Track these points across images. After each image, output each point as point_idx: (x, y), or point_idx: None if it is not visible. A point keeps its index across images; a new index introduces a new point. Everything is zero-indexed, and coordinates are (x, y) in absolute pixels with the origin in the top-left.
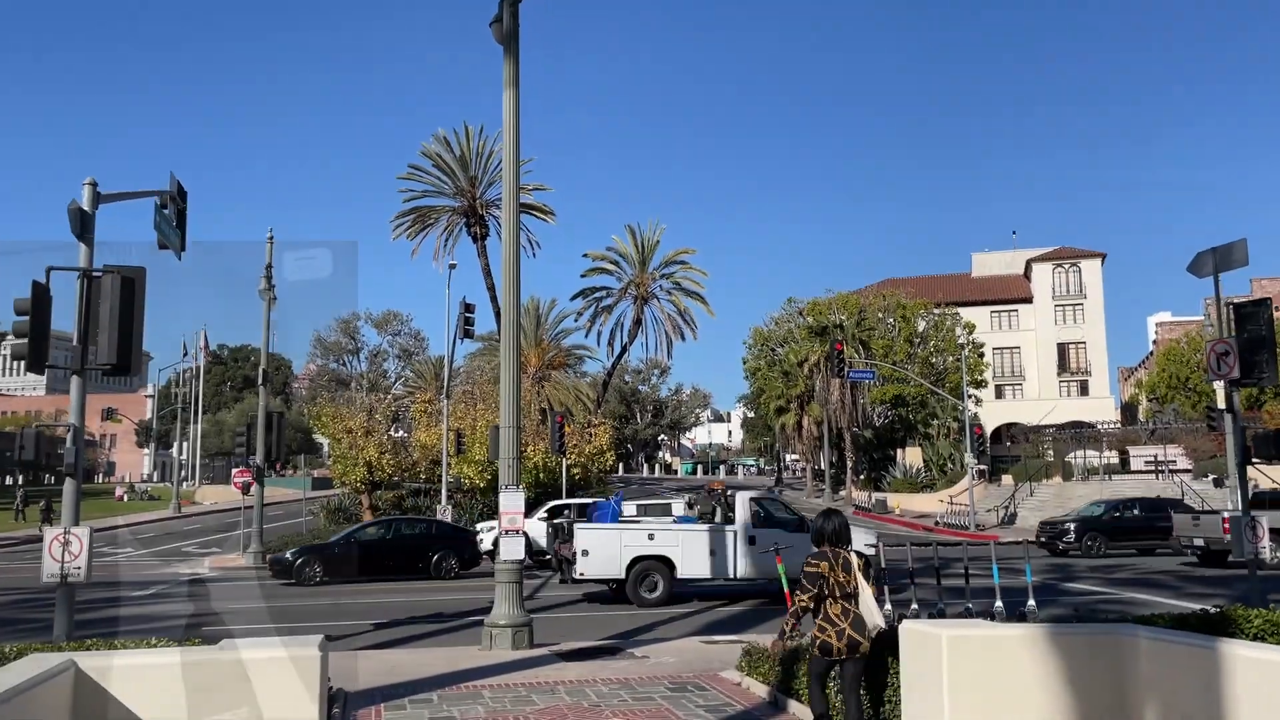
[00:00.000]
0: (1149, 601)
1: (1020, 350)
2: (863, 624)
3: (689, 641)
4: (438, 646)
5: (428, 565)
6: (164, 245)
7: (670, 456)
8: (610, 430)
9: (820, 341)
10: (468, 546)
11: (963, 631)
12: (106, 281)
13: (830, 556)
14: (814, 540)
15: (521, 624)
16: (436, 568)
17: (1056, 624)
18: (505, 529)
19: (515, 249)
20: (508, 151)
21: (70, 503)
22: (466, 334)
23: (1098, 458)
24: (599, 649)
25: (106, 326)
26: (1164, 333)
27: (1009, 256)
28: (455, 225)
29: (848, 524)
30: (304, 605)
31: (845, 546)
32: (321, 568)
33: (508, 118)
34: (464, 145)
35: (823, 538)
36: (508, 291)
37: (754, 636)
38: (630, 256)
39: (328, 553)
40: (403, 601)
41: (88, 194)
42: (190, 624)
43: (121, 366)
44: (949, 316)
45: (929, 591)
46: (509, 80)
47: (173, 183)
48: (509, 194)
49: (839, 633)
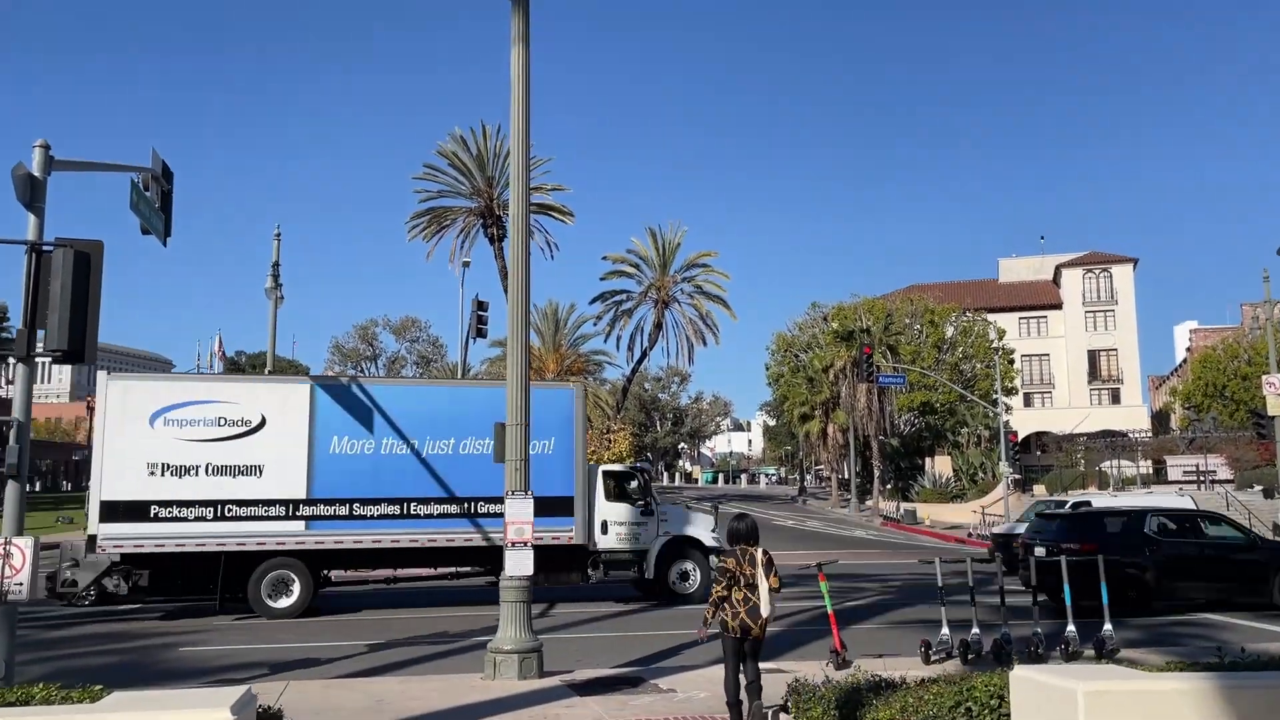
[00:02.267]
0: (1227, 624)
1: (1049, 357)
2: (757, 611)
3: (719, 670)
4: (435, 674)
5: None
6: (146, 230)
7: (690, 465)
8: (630, 436)
9: (846, 346)
10: None
11: (1104, 685)
12: (58, 256)
13: (738, 554)
14: (728, 539)
15: (529, 650)
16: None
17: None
18: (512, 541)
19: (525, 220)
20: (516, 117)
21: (13, 510)
22: (479, 333)
23: (1133, 468)
24: (618, 679)
25: (58, 307)
26: (1198, 340)
27: (1037, 262)
28: (472, 226)
29: (756, 525)
30: (294, 621)
31: (753, 544)
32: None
33: (516, 79)
34: (481, 145)
35: (736, 537)
36: (516, 263)
37: (794, 664)
38: (650, 259)
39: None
40: (402, 619)
41: (38, 158)
42: (171, 644)
43: (74, 353)
44: (979, 321)
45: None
46: (518, 36)
47: (156, 161)
48: (518, 164)
49: (733, 614)
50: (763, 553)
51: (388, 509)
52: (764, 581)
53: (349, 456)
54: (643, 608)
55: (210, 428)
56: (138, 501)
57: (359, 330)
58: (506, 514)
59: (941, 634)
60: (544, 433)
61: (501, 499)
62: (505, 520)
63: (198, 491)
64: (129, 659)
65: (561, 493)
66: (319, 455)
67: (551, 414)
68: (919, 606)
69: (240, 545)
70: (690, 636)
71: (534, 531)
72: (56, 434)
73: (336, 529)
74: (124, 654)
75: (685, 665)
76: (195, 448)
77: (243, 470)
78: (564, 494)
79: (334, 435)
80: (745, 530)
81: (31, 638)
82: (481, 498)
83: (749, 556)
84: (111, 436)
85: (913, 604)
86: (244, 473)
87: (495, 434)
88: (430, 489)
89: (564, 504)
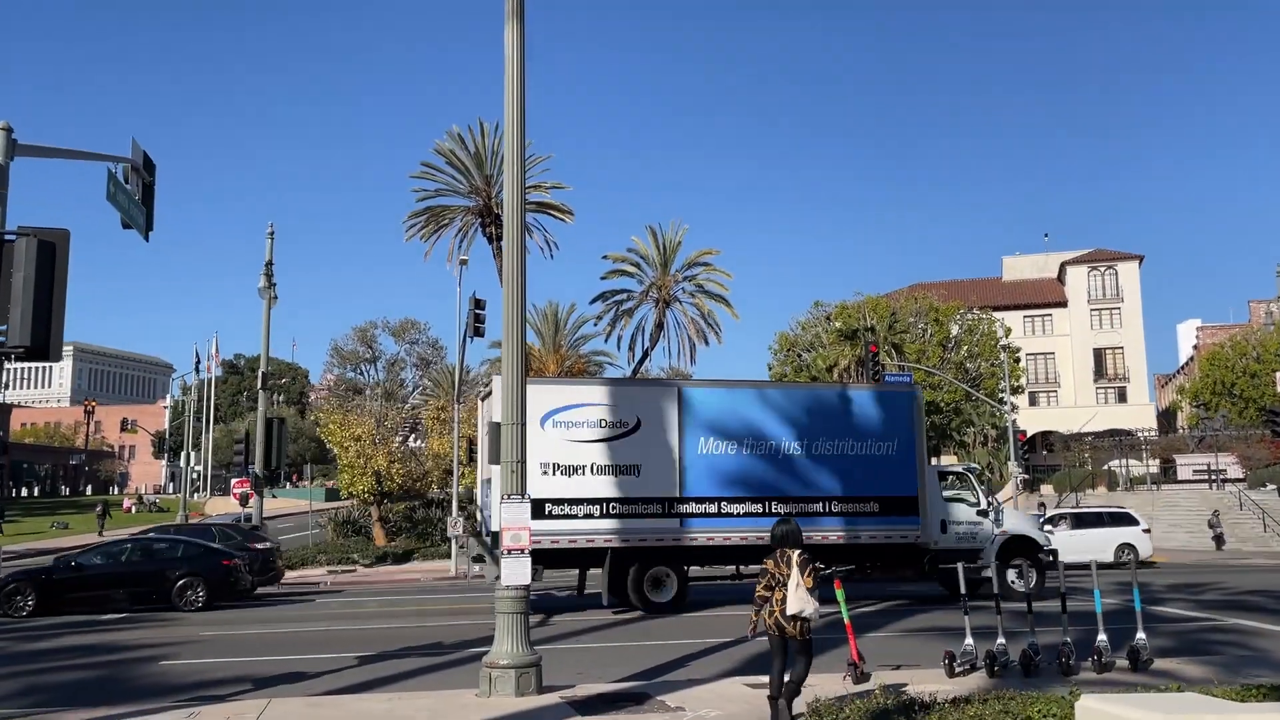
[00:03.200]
0: (1258, 629)
1: (1055, 356)
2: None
3: (730, 684)
4: (427, 690)
5: (169, 594)
6: (127, 224)
7: None
8: None
9: (850, 346)
10: (219, 571)
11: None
12: (21, 246)
13: (777, 555)
14: (769, 541)
15: (527, 664)
16: (179, 597)
17: None
18: (508, 547)
19: (520, 201)
20: (510, 96)
21: None
22: (477, 331)
23: (1141, 466)
24: (621, 696)
25: (20, 300)
26: (1205, 337)
27: (1041, 260)
28: (470, 226)
29: (798, 529)
30: (283, 632)
31: (793, 546)
32: (35, 599)
33: (510, 58)
34: (479, 143)
35: (777, 539)
36: (511, 245)
37: (811, 676)
38: (651, 258)
39: (43, 580)
40: (395, 629)
41: (0, 141)
42: (148, 658)
43: (37, 350)
44: (985, 320)
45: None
46: (512, 11)
47: (136, 151)
48: (513, 143)
49: (770, 614)
50: (799, 554)
51: (751, 506)
52: (798, 581)
53: (714, 456)
54: (640, 616)
55: (593, 429)
56: (534, 500)
57: (358, 332)
58: (502, 519)
59: (965, 644)
60: (886, 434)
61: (856, 498)
62: (501, 526)
63: (585, 490)
64: (103, 674)
65: (904, 493)
66: (689, 455)
67: (892, 416)
68: (934, 612)
69: (624, 541)
70: (694, 646)
71: (881, 531)
72: (55, 438)
73: (706, 526)
74: (99, 668)
75: (693, 679)
76: (581, 448)
77: (623, 469)
78: (907, 494)
79: (700, 436)
80: (785, 533)
81: (10, 650)
82: (835, 496)
83: (786, 558)
84: None
85: (928, 609)
86: (624, 472)
87: (490, 434)
88: (789, 487)
89: (908, 504)
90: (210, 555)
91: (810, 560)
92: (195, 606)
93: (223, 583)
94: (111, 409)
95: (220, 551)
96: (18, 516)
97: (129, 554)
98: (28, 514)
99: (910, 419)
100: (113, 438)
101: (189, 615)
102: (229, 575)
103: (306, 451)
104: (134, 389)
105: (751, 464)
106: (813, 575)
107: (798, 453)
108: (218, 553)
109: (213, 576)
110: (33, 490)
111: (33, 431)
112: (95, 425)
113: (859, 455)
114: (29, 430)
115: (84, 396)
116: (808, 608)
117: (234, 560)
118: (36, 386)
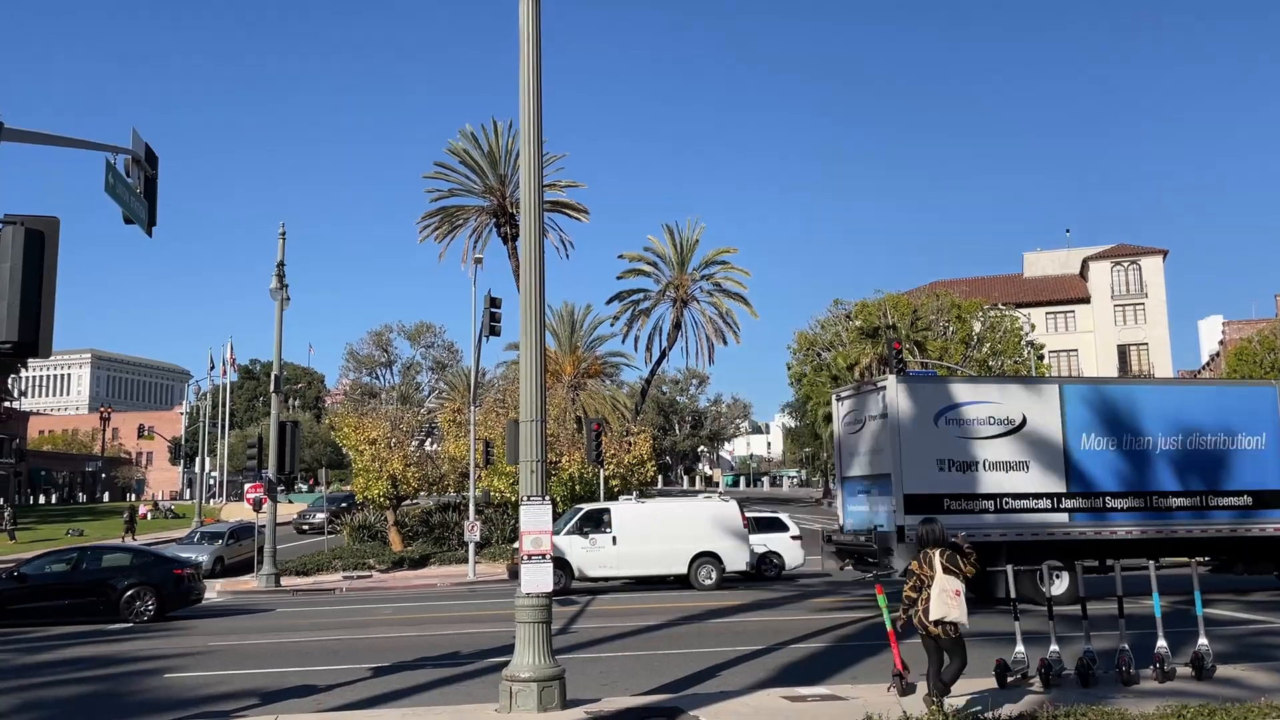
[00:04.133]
0: None
1: (1078, 353)
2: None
3: (766, 696)
4: (443, 705)
5: (116, 605)
6: (129, 219)
7: (710, 469)
8: (650, 439)
9: (871, 344)
10: (170, 581)
11: None
12: (7, 235)
13: (921, 557)
14: (916, 542)
15: (550, 677)
16: (127, 607)
17: None
18: (529, 552)
19: (538, 192)
20: (526, 77)
21: None
22: (493, 331)
23: None
24: (651, 711)
25: (6, 293)
26: (1232, 332)
27: (1063, 255)
28: (485, 226)
29: (942, 530)
30: (296, 641)
31: (936, 547)
32: None
33: (525, 32)
34: (492, 142)
35: (922, 540)
36: (529, 234)
37: (849, 687)
38: (668, 257)
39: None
40: (410, 638)
41: None
42: (156, 669)
43: (25, 345)
44: (1008, 316)
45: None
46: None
47: (138, 142)
48: (528, 131)
49: (913, 614)
50: (939, 553)
51: (1133, 501)
52: (943, 582)
53: (1096, 452)
54: (667, 621)
55: (982, 426)
56: (932, 495)
57: (373, 336)
58: (522, 522)
59: (1017, 651)
60: (1255, 429)
61: (1232, 492)
62: (520, 529)
63: (979, 486)
64: (106, 687)
65: (1277, 486)
66: (1072, 451)
67: (1260, 411)
68: (972, 616)
69: (1018, 536)
70: (724, 654)
71: (1259, 525)
72: (73, 446)
73: (1091, 521)
74: (102, 681)
75: (726, 691)
76: (973, 445)
77: (1012, 466)
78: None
79: (1082, 432)
80: (929, 534)
81: (11, 663)
82: (1212, 491)
83: (929, 559)
84: (906, 435)
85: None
86: (1014, 468)
87: (508, 432)
88: (1167, 482)
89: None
90: (161, 564)
91: (955, 550)
92: (145, 618)
93: (174, 593)
94: (129, 415)
95: (172, 560)
96: (34, 524)
97: (75, 563)
98: (44, 521)
99: (1276, 414)
100: (130, 444)
101: (188, 624)
102: (180, 584)
103: (322, 456)
104: (151, 395)
105: (1131, 459)
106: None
107: (1174, 447)
108: (169, 561)
109: (164, 586)
110: (50, 498)
111: (50, 439)
112: (113, 432)
113: (1231, 449)
114: (47, 438)
115: (101, 404)
116: (951, 613)
117: (185, 569)
118: (56, 394)
